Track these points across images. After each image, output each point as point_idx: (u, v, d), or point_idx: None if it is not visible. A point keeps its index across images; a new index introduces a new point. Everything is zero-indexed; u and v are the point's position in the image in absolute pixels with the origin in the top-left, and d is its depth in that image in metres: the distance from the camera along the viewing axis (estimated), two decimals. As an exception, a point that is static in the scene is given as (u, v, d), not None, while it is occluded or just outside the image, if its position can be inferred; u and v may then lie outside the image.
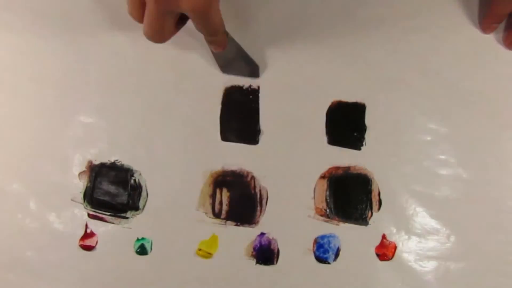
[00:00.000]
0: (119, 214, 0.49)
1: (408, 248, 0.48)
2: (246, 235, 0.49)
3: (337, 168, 0.49)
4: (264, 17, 0.50)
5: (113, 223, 0.49)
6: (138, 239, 0.49)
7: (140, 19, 0.40)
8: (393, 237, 0.48)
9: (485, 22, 0.48)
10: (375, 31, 0.50)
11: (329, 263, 0.48)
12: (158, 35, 0.41)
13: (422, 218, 0.48)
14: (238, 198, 0.49)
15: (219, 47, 0.46)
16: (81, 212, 0.50)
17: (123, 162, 0.50)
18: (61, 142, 0.50)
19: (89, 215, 0.50)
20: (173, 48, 0.50)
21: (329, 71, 0.50)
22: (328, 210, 0.48)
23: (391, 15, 0.50)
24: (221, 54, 0.47)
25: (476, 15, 0.50)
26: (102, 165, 0.50)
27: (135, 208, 0.49)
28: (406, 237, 0.48)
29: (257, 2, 0.50)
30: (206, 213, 0.49)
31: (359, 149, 0.49)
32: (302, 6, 0.50)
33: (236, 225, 0.49)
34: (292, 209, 0.49)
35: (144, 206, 0.49)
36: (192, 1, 0.37)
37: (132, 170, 0.50)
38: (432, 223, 0.48)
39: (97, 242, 0.49)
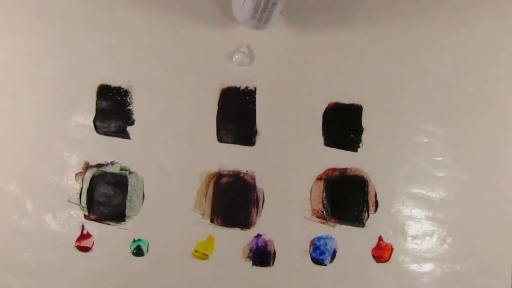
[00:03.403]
0: (115, 215, 0.49)
1: (405, 250, 0.48)
2: (242, 237, 0.49)
3: (334, 169, 0.49)
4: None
5: (109, 224, 0.49)
6: (134, 240, 0.49)
7: None
8: (389, 239, 0.48)
9: None
10: (373, 32, 0.50)
11: (325, 264, 0.48)
12: None
13: (419, 220, 0.48)
14: (234, 200, 0.49)
15: None
16: (78, 213, 0.50)
17: (119, 163, 0.50)
18: (58, 143, 0.50)
19: (85, 216, 0.50)
20: (169, 50, 0.50)
21: (326, 73, 0.49)
22: (324, 211, 0.48)
23: (389, 17, 0.50)
24: None
25: (478, 15, 0.49)
26: (99, 166, 0.50)
27: (132, 209, 0.49)
28: (403, 239, 0.48)
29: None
30: (202, 215, 0.49)
31: (356, 150, 0.49)
32: (300, 7, 0.50)
33: (233, 226, 0.49)
34: (289, 210, 0.48)
35: (140, 207, 0.49)
36: None
37: (128, 171, 0.50)
38: (428, 225, 0.48)
39: (93, 243, 0.49)
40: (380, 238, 0.48)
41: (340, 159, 0.49)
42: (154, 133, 0.50)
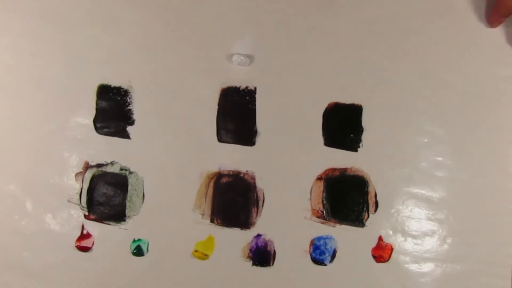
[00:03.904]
0: (115, 215, 0.49)
1: (405, 250, 0.48)
2: (242, 237, 0.49)
3: (334, 169, 0.49)
4: (262, 18, 0.50)
5: (109, 224, 0.49)
6: (134, 240, 0.49)
7: None
8: (389, 239, 0.48)
9: (494, 14, 0.47)
10: (372, 32, 0.50)
11: (325, 264, 0.48)
12: None
13: (419, 220, 0.48)
14: (234, 199, 0.49)
15: None
16: (78, 213, 0.50)
17: (119, 163, 0.50)
18: (57, 143, 0.50)
19: (85, 216, 0.50)
20: (169, 49, 0.50)
21: (326, 73, 0.49)
22: (324, 211, 0.48)
23: (389, 16, 0.50)
24: None
25: (477, 16, 0.49)
26: (99, 166, 0.50)
27: (132, 209, 0.49)
28: (403, 239, 0.48)
29: (256, 2, 0.50)
30: (202, 214, 0.49)
31: (356, 150, 0.49)
32: (300, 7, 0.50)
33: (233, 226, 0.49)
34: (289, 210, 0.49)
35: (140, 207, 0.49)
36: None
37: (128, 171, 0.50)
38: (428, 225, 0.48)
39: (93, 243, 0.49)
40: (380, 238, 0.48)
41: (340, 159, 0.49)
42: (154, 133, 0.50)
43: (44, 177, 0.50)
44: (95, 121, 0.50)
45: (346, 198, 0.48)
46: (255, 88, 0.50)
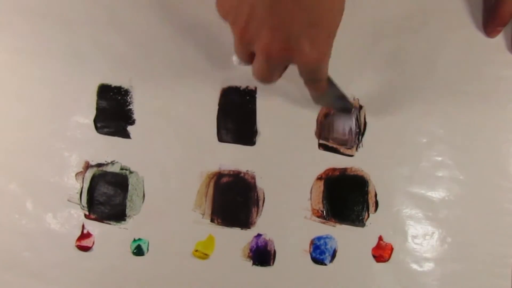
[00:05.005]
0: (115, 215, 0.49)
1: (405, 249, 0.48)
2: (242, 236, 0.49)
3: (334, 169, 0.49)
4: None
5: (109, 223, 0.49)
6: (134, 240, 0.49)
7: (249, 63, 0.41)
8: (389, 239, 0.48)
9: (491, 25, 0.48)
10: (373, 32, 0.50)
11: (325, 264, 0.48)
12: (268, 80, 0.41)
13: (419, 219, 0.48)
14: (234, 199, 0.49)
15: (319, 91, 0.45)
16: (78, 212, 0.50)
17: (120, 163, 0.50)
18: (58, 142, 0.50)
19: (86, 215, 0.50)
20: (170, 49, 0.50)
21: (326, 72, 0.49)
22: (324, 211, 0.48)
23: (390, 16, 0.50)
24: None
25: (476, 16, 0.49)
26: (99, 165, 0.50)
27: (132, 208, 0.49)
28: (403, 238, 0.48)
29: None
30: (202, 214, 0.49)
31: (356, 150, 0.49)
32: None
33: (233, 226, 0.49)
34: (289, 210, 0.49)
35: (140, 207, 0.49)
36: (307, 57, 0.36)
37: (129, 171, 0.50)
38: (428, 224, 0.48)
39: (93, 243, 0.49)
40: (380, 238, 0.48)
41: (340, 159, 0.49)
42: (155, 132, 0.50)
43: (44, 176, 0.50)
44: (95, 121, 0.50)
45: (346, 198, 0.48)
46: (256, 88, 0.50)
